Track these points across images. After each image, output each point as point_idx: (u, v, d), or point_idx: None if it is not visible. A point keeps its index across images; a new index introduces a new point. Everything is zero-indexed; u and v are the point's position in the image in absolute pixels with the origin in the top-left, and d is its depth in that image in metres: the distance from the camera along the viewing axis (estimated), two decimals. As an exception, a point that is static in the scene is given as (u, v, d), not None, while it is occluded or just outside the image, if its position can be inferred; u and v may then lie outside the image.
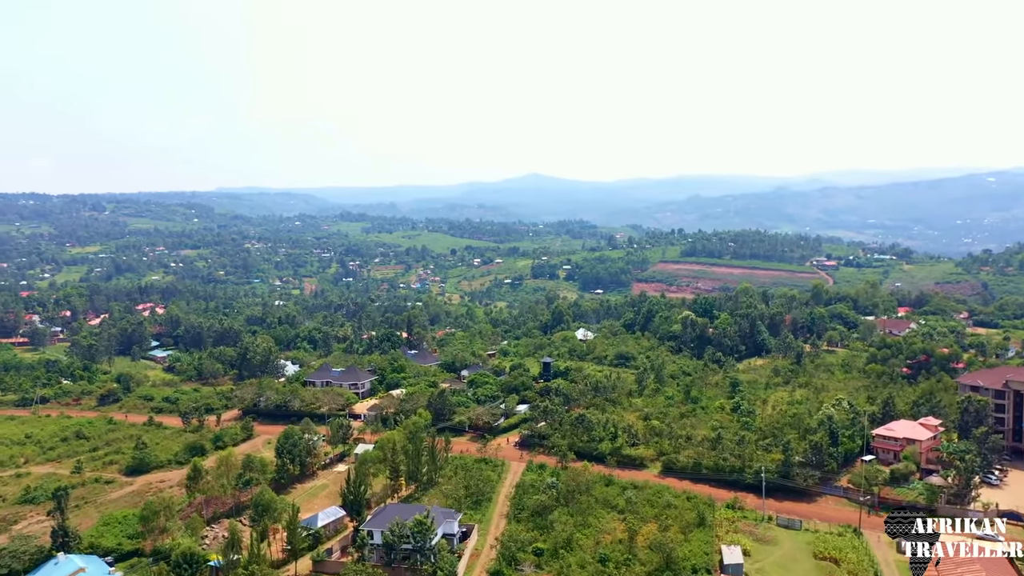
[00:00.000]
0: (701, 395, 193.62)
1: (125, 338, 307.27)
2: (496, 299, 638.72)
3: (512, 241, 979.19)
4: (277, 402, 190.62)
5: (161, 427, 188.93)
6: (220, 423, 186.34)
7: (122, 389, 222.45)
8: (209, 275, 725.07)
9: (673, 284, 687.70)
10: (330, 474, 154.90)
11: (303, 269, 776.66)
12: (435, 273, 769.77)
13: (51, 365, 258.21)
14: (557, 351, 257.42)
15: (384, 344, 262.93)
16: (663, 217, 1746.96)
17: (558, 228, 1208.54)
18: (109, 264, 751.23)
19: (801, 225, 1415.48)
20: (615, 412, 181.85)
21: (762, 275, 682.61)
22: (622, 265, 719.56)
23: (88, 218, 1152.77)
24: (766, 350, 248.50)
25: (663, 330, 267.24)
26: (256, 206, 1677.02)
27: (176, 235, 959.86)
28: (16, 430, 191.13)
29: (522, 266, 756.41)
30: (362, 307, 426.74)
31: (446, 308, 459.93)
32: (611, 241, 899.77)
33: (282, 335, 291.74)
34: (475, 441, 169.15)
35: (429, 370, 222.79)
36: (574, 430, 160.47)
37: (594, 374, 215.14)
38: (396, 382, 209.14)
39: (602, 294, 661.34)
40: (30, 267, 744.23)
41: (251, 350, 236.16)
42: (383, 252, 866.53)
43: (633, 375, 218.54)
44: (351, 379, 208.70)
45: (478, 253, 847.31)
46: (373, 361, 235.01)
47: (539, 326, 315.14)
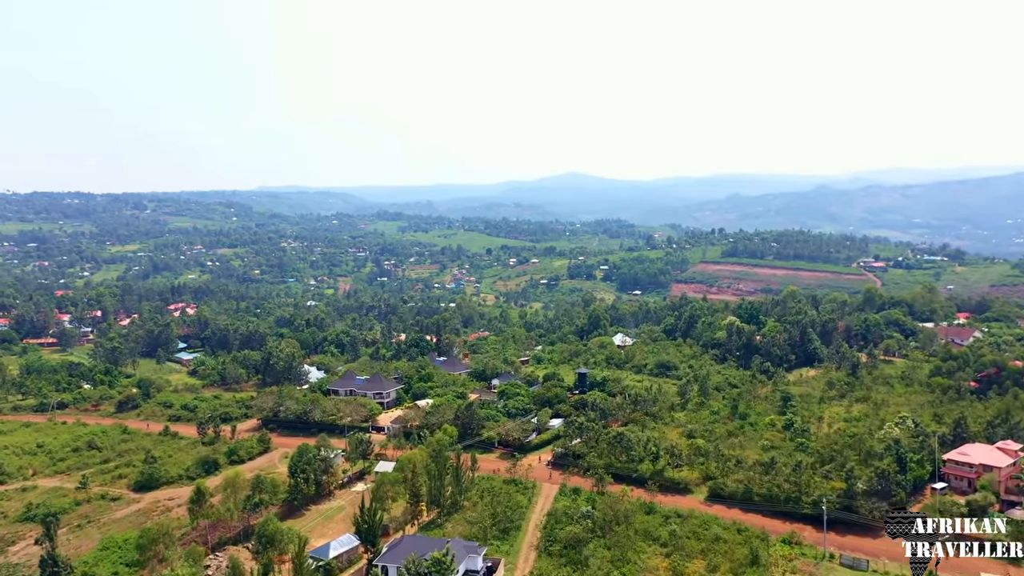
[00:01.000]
0: (749, 410, 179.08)
1: (152, 340, 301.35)
2: (531, 300, 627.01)
3: (549, 240, 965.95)
4: (297, 412, 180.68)
5: (177, 437, 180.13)
6: (236, 434, 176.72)
7: (141, 395, 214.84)
8: (244, 274, 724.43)
9: (713, 285, 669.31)
10: (348, 494, 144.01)
11: (338, 268, 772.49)
12: (470, 273, 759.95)
13: (74, 368, 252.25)
14: (594, 358, 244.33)
15: (412, 350, 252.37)
16: (702, 216, 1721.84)
17: (595, 227, 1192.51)
18: (147, 263, 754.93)
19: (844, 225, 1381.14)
20: (656, 428, 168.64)
21: (806, 277, 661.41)
22: (661, 266, 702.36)
23: (129, 216, 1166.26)
24: (818, 360, 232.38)
25: (706, 337, 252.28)
26: (295, 205, 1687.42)
27: (214, 234, 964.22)
28: (29, 438, 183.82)
29: (558, 266, 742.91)
30: (394, 308, 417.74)
31: (480, 310, 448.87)
32: (649, 241, 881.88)
33: (309, 339, 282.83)
34: (504, 459, 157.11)
35: (458, 379, 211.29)
36: (611, 449, 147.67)
37: (633, 385, 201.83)
38: (423, 392, 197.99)
39: (640, 295, 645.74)
40: (70, 265, 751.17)
41: (275, 355, 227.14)
42: (418, 251, 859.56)
43: (675, 386, 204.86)
44: (376, 388, 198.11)
45: (514, 253, 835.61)
46: (400, 368, 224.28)
47: (575, 331, 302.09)
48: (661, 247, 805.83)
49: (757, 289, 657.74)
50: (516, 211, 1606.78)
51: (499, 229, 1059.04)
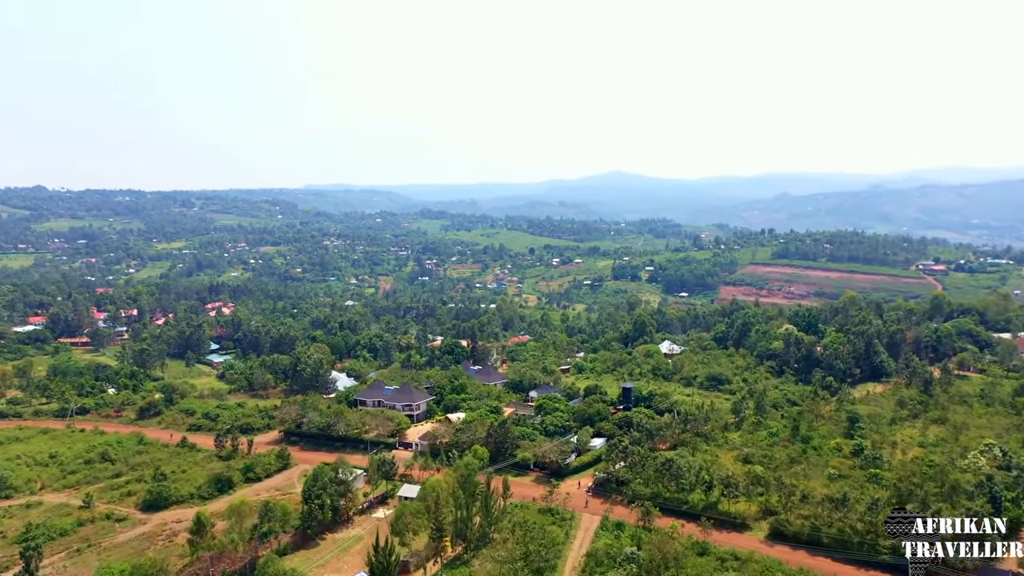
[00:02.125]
0: (812, 432, 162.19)
1: (183, 341, 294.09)
2: (574, 301, 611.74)
3: (593, 240, 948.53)
4: (320, 425, 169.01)
5: (194, 449, 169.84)
6: (252, 448, 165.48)
7: (164, 401, 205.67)
8: (286, 272, 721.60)
9: (764, 288, 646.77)
10: (368, 520, 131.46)
11: (379, 267, 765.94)
12: (512, 273, 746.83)
13: (100, 370, 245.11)
14: (639, 368, 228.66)
15: (446, 358, 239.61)
16: (750, 216, 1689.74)
17: (640, 227, 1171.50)
18: (191, 260, 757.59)
19: (897, 225, 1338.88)
20: (708, 450, 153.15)
21: (861, 280, 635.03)
22: (708, 267, 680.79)
23: (177, 214, 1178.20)
24: (884, 374, 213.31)
25: (761, 347, 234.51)
26: (340, 203, 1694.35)
27: (258, 231, 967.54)
28: (44, 447, 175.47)
29: (602, 267, 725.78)
30: (432, 310, 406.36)
31: (520, 312, 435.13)
32: (696, 241, 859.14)
33: (340, 343, 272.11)
34: (540, 483, 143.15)
35: (492, 390, 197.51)
36: (659, 476, 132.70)
37: (682, 400, 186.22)
38: (455, 404, 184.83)
39: (687, 297, 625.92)
40: (117, 262, 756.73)
41: (303, 361, 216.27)
42: (460, 250, 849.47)
43: (728, 402, 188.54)
44: (405, 399, 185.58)
45: (557, 252, 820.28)
46: (432, 377, 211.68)
47: (619, 337, 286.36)
48: (708, 248, 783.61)
49: (809, 292, 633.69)
50: (560, 210, 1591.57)
51: (542, 228, 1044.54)
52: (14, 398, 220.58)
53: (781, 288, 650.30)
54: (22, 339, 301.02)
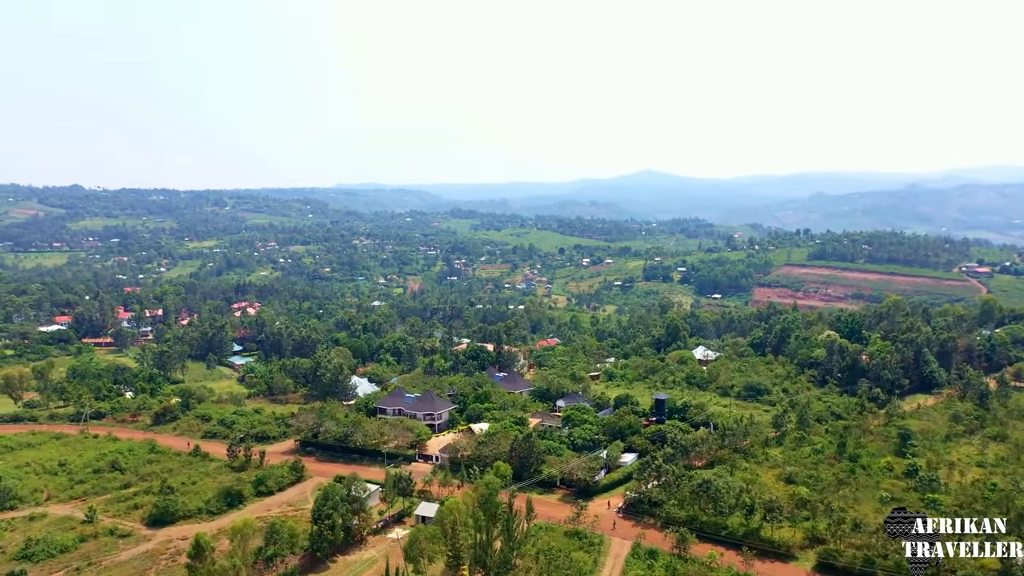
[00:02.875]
0: (861, 449, 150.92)
1: (206, 342, 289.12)
2: (605, 302, 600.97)
3: (624, 240, 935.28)
4: (337, 435, 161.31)
5: (207, 458, 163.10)
6: (266, 459, 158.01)
7: (180, 406, 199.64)
8: (315, 272, 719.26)
9: (799, 290, 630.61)
10: (383, 541, 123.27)
11: (408, 267, 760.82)
12: (542, 273, 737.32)
13: (119, 373, 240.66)
14: (672, 376, 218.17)
15: (470, 363, 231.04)
16: (784, 216, 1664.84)
17: (672, 227, 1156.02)
18: (221, 259, 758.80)
19: (936, 226, 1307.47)
20: (748, 468, 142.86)
21: (902, 282, 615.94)
22: (742, 268, 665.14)
23: (209, 213, 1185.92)
24: (935, 385, 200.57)
25: (802, 355, 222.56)
26: (371, 202, 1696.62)
27: (288, 231, 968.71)
28: (55, 453, 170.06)
29: (633, 267, 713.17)
30: (459, 311, 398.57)
31: (549, 314, 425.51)
32: (730, 241, 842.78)
33: (363, 346, 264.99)
34: (567, 502, 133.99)
35: (518, 399, 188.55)
36: (696, 498, 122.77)
37: (718, 412, 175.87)
38: (478, 414, 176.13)
39: (720, 299, 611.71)
40: (148, 261, 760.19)
41: (322, 366, 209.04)
42: (490, 250, 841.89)
43: (767, 414, 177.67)
44: (426, 408, 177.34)
45: (587, 252, 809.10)
46: (455, 384, 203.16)
47: (651, 341, 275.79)
48: (742, 248, 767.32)
49: (847, 295, 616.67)
50: (591, 209, 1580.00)
51: (572, 228, 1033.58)
52: (31, 401, 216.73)
53: (817, 290, 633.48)
54: (45, 339, 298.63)
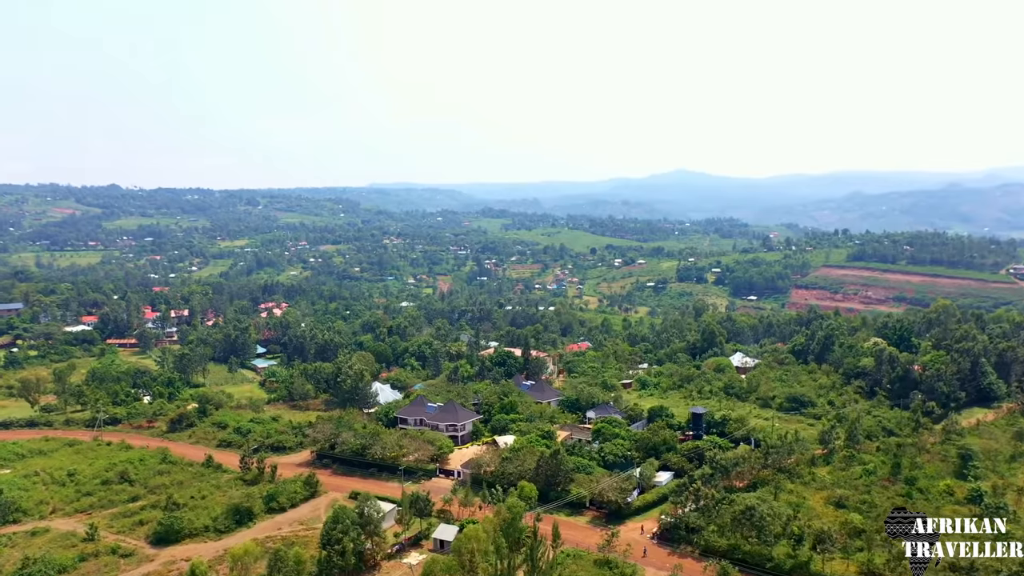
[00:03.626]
0: (917, 470, 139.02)
1: (229, 344, 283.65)
2: (637, 304, 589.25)
3: (656, 240, 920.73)
4: (354, 447, 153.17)
5: (219, 469, 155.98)
6: (279, 472, 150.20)
7: (196, 412, 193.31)
8: (344, 271, 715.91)
9: (838, 292, 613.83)
10: (398, 568, 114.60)
11: (438, 267, 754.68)
12: (573, 274, 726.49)
13: (138, 376, 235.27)
14: (709, 386, 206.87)
15: (497, 370, 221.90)
16: (820, 216, 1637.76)
17: (706, 226, 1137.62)
18: (251, 259, 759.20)
19: (978, 226, 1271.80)
20: (794, 490, 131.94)
21: (946, 284, 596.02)
22: (779, 269, 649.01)
23: (242, 212, 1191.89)
24: (993, 398, 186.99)
25: (848, 364, 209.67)
26: (403, 201, 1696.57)
27: (319, 230, 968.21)
28: (66, 462, 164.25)
29: (666, 268, 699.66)
30: (488, 313, 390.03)
31: (580, 316, 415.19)
32: (766, 242, 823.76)
33: (387, 350, 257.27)
34: (597, 525, 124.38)
35: (546, 410, 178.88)
36: (738, 525, 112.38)
37: (760, 427, 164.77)
38: (504, 425, 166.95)
39: (756, 301, 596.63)
40: (180, 260, 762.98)
41: (343, 372, 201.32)
42: (520, 250, 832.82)
43: (812, 429, 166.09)
44: (449, 418, 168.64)
45: (619, 253, 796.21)
46: (480, 392, 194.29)
47: (686, 347, 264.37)
48: (779, 249, 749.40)
49: (888, 297, 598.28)
50: (623, 209, 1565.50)
51: (604, 228, 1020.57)
52: (48, 405, 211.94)
53: (857, 292, 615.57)
54: (69, 340, 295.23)
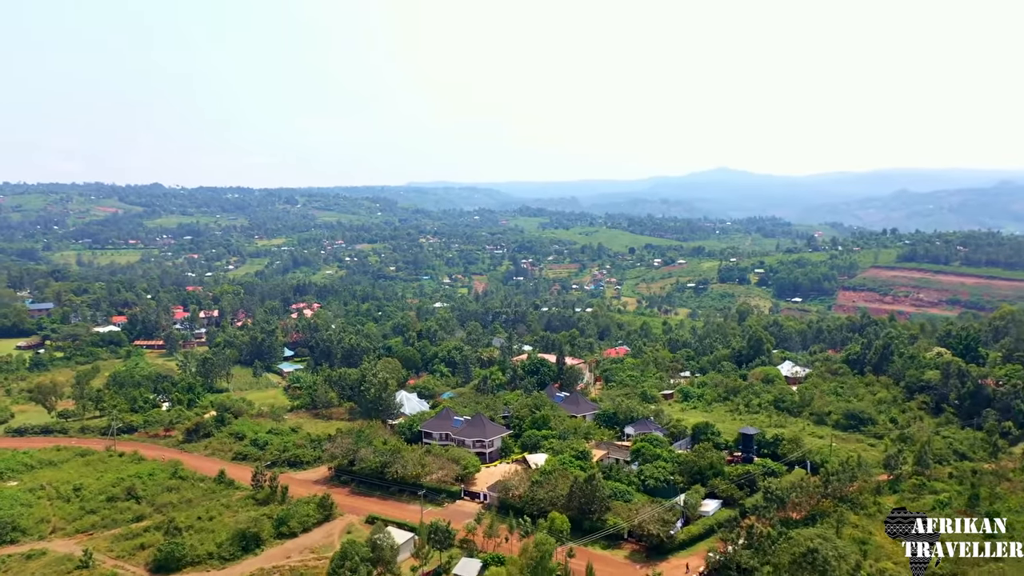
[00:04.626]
0: (999, 502, 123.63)
1: (255, 347, 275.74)
2: (677, 305, 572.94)
3: (697, 240, 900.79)
4: (373, 465, 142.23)
5: (232, 486, 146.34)
6: (295, 491, 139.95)
7: (214, 421, 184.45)
8: (379, 271, 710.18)
9: (888, 294, 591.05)
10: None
11: (474, 266, 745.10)
12: (611, 274, 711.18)
13: (160, 380, 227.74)
14: (757, 399, 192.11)
15: (529, 379, 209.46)
16: (865, 215, 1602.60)
17: (747, 225, 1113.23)
18: (288, 257, 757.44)
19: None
20: (858, 523, 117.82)
21: (1003, 287, 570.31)
22: (825, 270, 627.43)
23: (280, 211, 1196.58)
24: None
25: (910, 376, 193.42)
26: (441, 200, 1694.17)
27: (356, 229, 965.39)
28: (74, 475, 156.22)
29: (707, 268, 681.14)
30: (522, 316, 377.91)
31: (618, 319, 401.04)
32: (810, 242, 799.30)
33: (416, 356, 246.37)
34: (636, 561, 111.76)
35: (580, 425, 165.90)
36: (797, 568, 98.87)
37: (815, 445, 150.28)
38: (535, 442, 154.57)
39: (801, 303, 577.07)
40: (218, 259, 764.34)
41: (367, 380, 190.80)
42: (557, 250, 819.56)
43: (874, 450, 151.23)
44: (476, 433, 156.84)
45: (659, 252, 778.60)
46: (510, 403, 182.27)
47: (731, 354, 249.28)
48: (824, 249, 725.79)
49: (941, 300, 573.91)
50: (662, 207, 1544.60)
51: (643, 227, 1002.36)
52: (65, 411, 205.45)
53: (908, 295, 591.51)
54: (96, 341, 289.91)
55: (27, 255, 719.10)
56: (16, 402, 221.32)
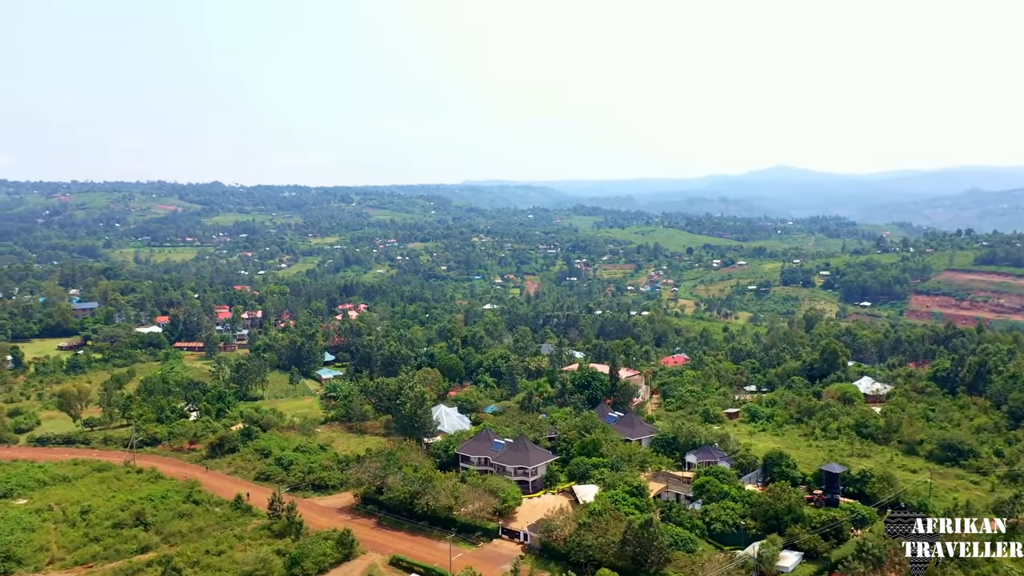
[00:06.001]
0: None
1: (294, 351, 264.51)
2: (737, 308, 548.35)
3: (757, 240, 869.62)
4: (402, 495, 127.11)
5: (248, 513, 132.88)
6: (316, 520, 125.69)
7: (240, 435, 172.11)
8: (430, 270, 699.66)
9: (965, 299, 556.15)
10: None
11: (526, 266, 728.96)
12: (668, 275, 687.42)
13: (191, 388, 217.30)
14: (835, 422, 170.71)
15: (578, 396, 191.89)
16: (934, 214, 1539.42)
17: (810, 225, 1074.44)
18: (339, 256, 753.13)
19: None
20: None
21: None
22: (896, 272, 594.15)
23: (335, 209, 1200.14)
24: None
25: (1013, 400, 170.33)
26: (496, 199, 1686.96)
27: (409, 227, 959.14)
28: (85, 493, 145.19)
29: (769, 269, 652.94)
30: (575, 320, 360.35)
31: (675, 324, 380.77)
32: (879, 243, 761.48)
33: (458, 365, 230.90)
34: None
35: (635, 452, 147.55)
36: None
37: (907, 482, 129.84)
38: (584, 471, 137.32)
39: (870, 307, 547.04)
40: (271, 257, 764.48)
41: (403, 392, 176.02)
42: (612, 249, 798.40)
43: (978, 488, 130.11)
44: (519, 459, 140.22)
45: (718, 253, 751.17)
46: (558, 422, 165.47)
47: (802, 367, 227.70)
48: (894, 250, 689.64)
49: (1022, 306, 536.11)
50: (720, 206, 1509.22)
51: (701, 226, 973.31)
52: (91, 419, 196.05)
53: (987, 300, 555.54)
54: (135, 343, 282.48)
55: (88, 252, 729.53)
56: (46, 407, 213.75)
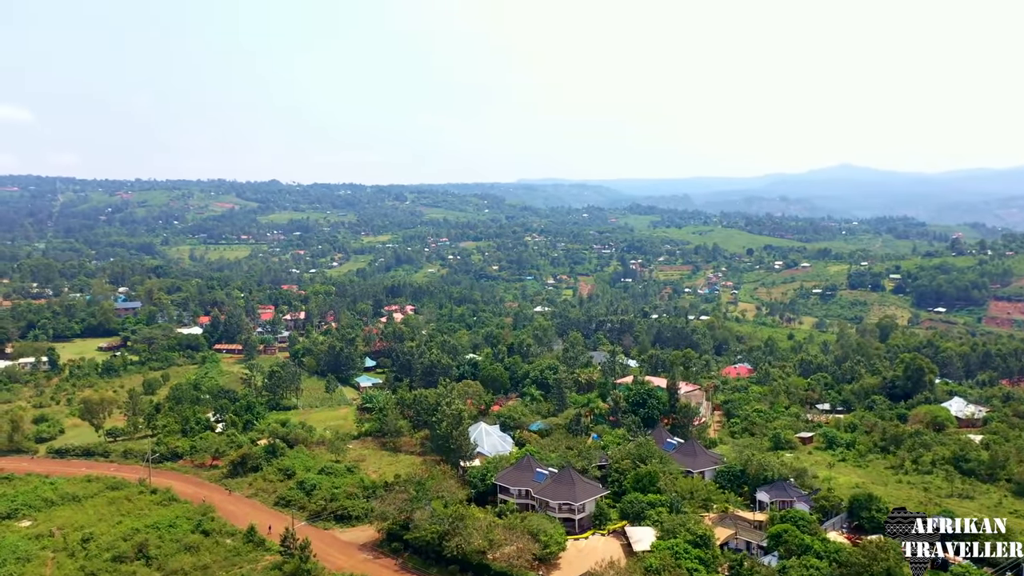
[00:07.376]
0: None
1: (333, 357, 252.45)
2: (801, 313, 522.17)
3: (821, 241, 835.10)
4: (428, 536, 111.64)
5: (261, 547, 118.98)
6: (334, 561, 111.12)
7: (265, 452, 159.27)
8: (481, 270, 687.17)
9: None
10: None
11: (580, 266, 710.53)
12: (727, 277, 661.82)
13: (220, 396, 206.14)
14: (928, 454, 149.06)
15: (631, 416, 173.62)
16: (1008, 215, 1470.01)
17: (876, 226, 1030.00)
18: (391, 255, 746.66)
19: None
20: None
21: None
22: (973, 277, 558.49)
23: (389, 207, 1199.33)
24: None
25: None
26: (550, 197, 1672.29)
27: (462, 226, 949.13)
28: (92, 517, 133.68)
29: (835, 272, 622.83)
30: (629, 326, 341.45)
31: (737, 330, 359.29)
32: (953, 244, 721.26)
33: (502, 376, 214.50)
34: None
35: (697, 487, 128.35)
36: None
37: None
38: (639, 510, 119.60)
39: (944, 313, 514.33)
40: (323, 255, 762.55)
41: (440, 409, 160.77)
42: (669, 250, 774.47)
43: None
44: (563, 494, 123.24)
45: (780, 254, 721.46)
46: (608, 447, 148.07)
47: (882, 384, 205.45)
48: (970, 253, 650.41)
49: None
50: (781, 206, 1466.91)
51: (761, 226, 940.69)
52: (114, 429, 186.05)
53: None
54: (173, 345, 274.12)
55: (145, 249, 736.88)
56: (72, 414, 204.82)
